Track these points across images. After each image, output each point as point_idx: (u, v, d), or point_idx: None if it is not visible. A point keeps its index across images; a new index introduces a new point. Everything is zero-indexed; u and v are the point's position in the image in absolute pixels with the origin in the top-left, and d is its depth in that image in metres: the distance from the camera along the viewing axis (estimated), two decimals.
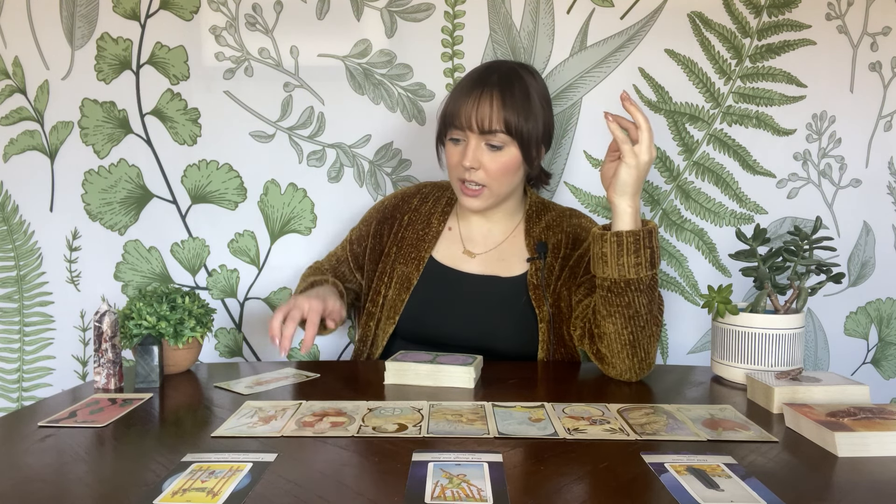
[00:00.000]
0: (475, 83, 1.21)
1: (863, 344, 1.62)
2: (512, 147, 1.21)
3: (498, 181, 1.23)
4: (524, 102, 1.20)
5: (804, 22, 1.50)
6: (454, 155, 1.24)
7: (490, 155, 1.21)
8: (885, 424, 0.81)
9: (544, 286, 1.24)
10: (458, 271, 1.29)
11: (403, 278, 1.29)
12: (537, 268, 1.26)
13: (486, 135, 1.19)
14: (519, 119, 1.19)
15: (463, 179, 1.23)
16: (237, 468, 0.74)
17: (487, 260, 1.30)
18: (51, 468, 0.76)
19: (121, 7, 1.53)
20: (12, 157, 1.59)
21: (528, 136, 1.21)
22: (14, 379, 1.64)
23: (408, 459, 0.75)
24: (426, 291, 1.27)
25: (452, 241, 1.33)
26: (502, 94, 1.19)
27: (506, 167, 1.22)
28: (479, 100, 1.19)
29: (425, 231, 1.33)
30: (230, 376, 1.15)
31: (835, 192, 1.56)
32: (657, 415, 0.92)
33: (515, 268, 1.28)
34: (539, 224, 1.31)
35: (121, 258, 1.59)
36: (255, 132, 1.56)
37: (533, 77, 1.26)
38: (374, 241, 1.36)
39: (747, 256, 1.16)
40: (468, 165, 1.20)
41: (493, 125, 1.18)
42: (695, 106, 1.52)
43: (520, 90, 1.21)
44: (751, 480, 0.71)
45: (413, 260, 1.30)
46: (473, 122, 1.19)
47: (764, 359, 1.07)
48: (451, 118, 1.22)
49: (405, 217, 1.36)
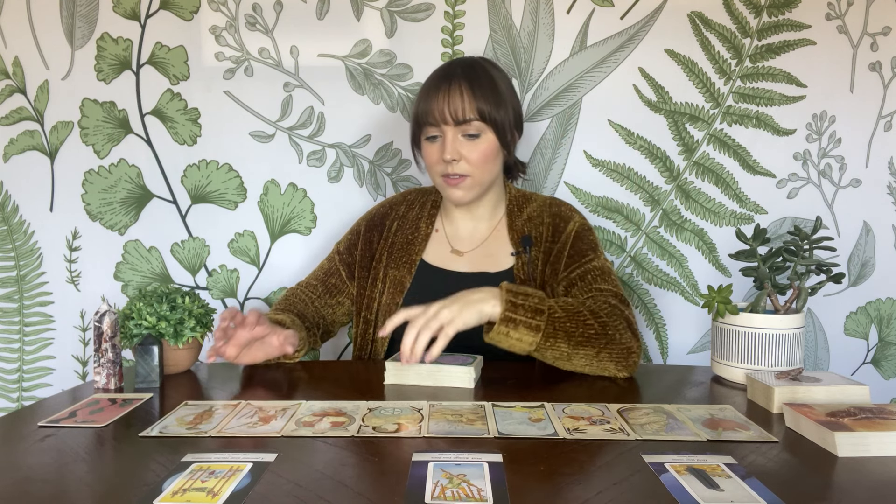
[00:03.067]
0: (441, 79, 1.24)
1: (863, 344, 1.62)
2: (488, 133, 1.23)
3: (480, 169, 1.24)
4: (492, 89, 1.23)
5: (804, 22, 1.50)
6: (433, 152, 1.25)
7: (469, 145, 1.23)
8: (885, 424, 0.81)
9: (531, 280, 1.26)
10: (448, 271, 1.30)
11: (396, 282, 1.30)
12: (523, 262, 1.27)
13: (462, 125, 1.21)
14: (490, 105, 1.22)
15: (446, 174, 1.24)
16: (237, 468, 0.73)
17: (475, 257, 1.31)
18: (51, 468, 0.76)
19: (121, 7, 1.53)
20: (12, 157, 1.60)
21: (501, 121, 1.24)
22: (14, 379, 1.64)
23: (408, 459, 0.75)
24: (419, 294, 1.27)
25: (440, 242, 1.34)
26: (470, 84, 1.22)
27: (485, 154, 1.24)
28: (450, 93, 1.21)
29: (414, 235, 1.34)
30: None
31: (835, 192, 1.56)
32: (657, 415, 0.91)
33: (502, 262, 1.30)
34: (521, 217, 1.33)
35: (121, 258, 1.59)
36: (255, 132, 1.56)
37: (494, 67, 1.30)
38: (364, 247, 1.37)
39: (747, 256, 1.15)
40: (449, 158, 1.22)
41: (468, 114, 1.21)
42: (695, 106, 1.52)
43: (486, 79, 1.24)
44: (751, 480, 0.71)
45: (405, 264, 1.31)
46: (448, 115, 1.21)
47: (764, 359, 1.07)
48: (425, 116, 1.23)
49: (394, 224, 1.37)
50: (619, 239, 1.57)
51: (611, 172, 1.55)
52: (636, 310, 1.58)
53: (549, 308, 1.06)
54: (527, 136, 1.55)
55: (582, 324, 1.07)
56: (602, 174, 1.55)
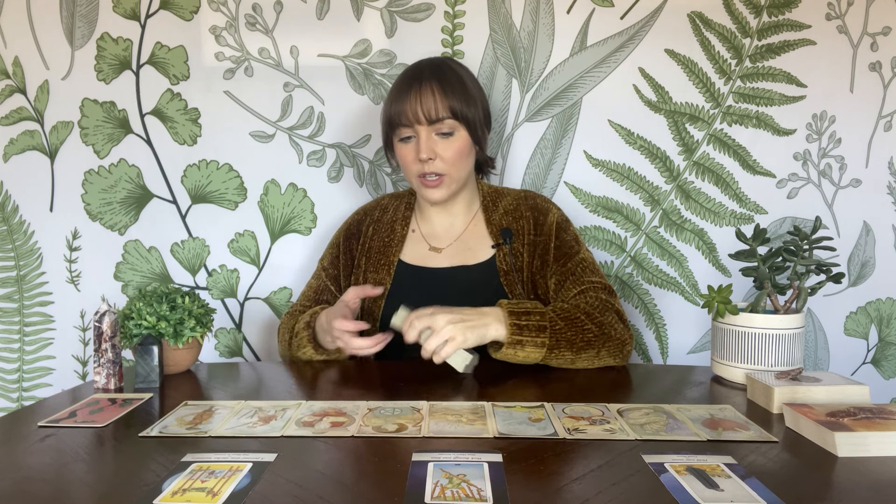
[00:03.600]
0: (411, 80, 1.26)
1: (863, 344, 1.62)
2: (461, 131, 1.27)
3: (455, 166, 1.28)
4: (461, 87, 1.26)
5: (804, 22, 1.50)
6: (408, 153, 1.28)
7: (443, 143, 1.26)
8: (885, 424, 0.81)
9: (515, 270, 1.28)
10: (427, 268, 1.32)
11: (376, 285, 1.30)
12: (504, 253, 1.30)
13: (436, 123, 1.24)
14: (461, 103, 1.25)
15: (422, 174, 1.27)
16: (237, 468, 0.74)
17: (453, 252, 1.33)
18: (51, 468, 0.76)
19: (121, 7, 1.53)
20: (12, 157, 1.59)
21: (472, 118, 1.27)
22: (14, 379, 1.64)
23: (408, 459, 0.75)
24: (400, 294, 1.28)
25: (417, 241, 1.36)
26: (440, 83, 1.25)
27: (459, 151, 1.27)
28: (421, 93, 1.24)
29: (390, 237, 1.36)
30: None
31: (835, 192, 1.56)
32: (657, 415, 0.92)
33: (480, 254, 1.32)
34: (497, 211, 1.36)
35: (121, 258, 1.59)
36: (255, 132, 1.56)
37: (459, 65, 1.34)
38: (345, 258, 1.39)
39: (747, 256, 1.15)
40: (425, 157, 1.24)
41: (440, 113, 1.23)
42: (695, 106, 1.52)
43: (454, 77, 1.27)
44: (751, 480, 0.71)
45: (383, 266, 1.33)
46: (421, 115, 1.23)
47: (764, 359, 1.07)
48: (398, 117, 1.25)
49: (369, 229, 1.39)
50: (619, 239, 1.57)
51: (611, 172, 1.55)
52: (636, 310, 1.58)
53: (550, 322, 1.11)
54: (527, 136, 1.55)
55: (581, 329, 1.14)
56: (602, 174, 1.55)
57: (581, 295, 1.24)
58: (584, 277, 1.26)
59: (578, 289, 1.25)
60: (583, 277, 1.26)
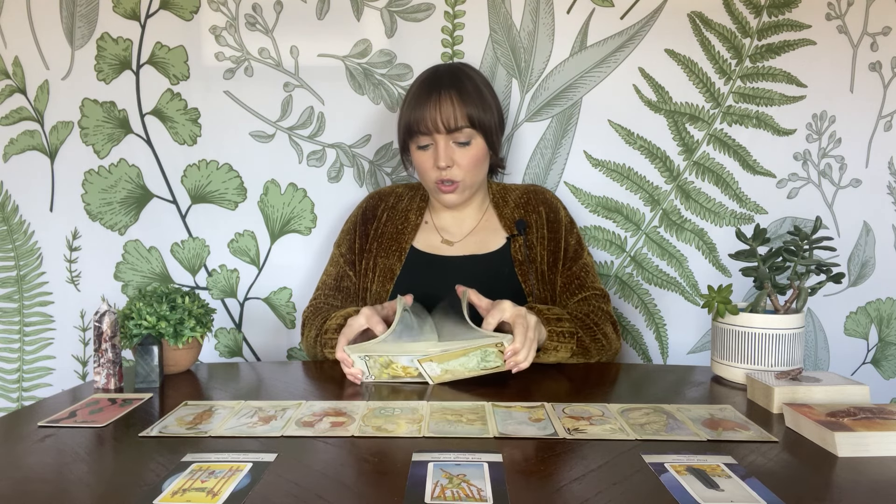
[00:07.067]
0: (430, 88, 1.27)
1: (863, 344, 1.62)
2: (478, 139, 1.29)
3: (471, 174, 1.30)
4: (478, 95, 1.28)
5: (804, 22, 1.50)
6: (426, 160, 1.30)
7: (460, 151, 1.28)
8: (885, 424, 0.81)
9: (528, 261, 1.30)
10: (438, 256, 1.33)
11: (386, 270, 1.32)
12: (519, 244, 1.32)
13: (454, 133, 1.26)
14: (479, 111, 1.27)
15: (440, 180, 1.29)
16: (237, 468, 0.74)
17: (465, 244, 1.35)
18: (51, 468, 0.76)
19: (121, 7, 1.53)
20: (12, 157, 1.59)
21: (489, 126, 1.29)
22: (14, 379, 1.64)
23: (408, 459, 0.75)
24: (410, 280, 1.30)
25: (430, 232, 1.38)
26: (459, 92, 1.26)
27: (476, 159, 1.29)
28: (440, 102, 1.25)
29: (404, 225, 1.37)
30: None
31: (835, 192, 1.56)
32: (657, 415, 0.92)
33: (492, 244, 1.34)
34: (507, 205, 1.38)
35: (121, 258, 1.59)
36: (255, 132, 1.56)
37: (475, 71, 1.35)
38: (361, 241, 1.39)
39: (747, 256, 1.15)
40: (443, 165, 1.26)
41: (459, 122, 1.25)
42: (695, 106, 1.52)
43: (471, 85, 1.29)
44: (751, 480, 0.71)
45: (394, 251, 1.34)
46: (440, 124, 1.25)
47: (764, 359, 1.07)
48: (417, 125, 1.27)
49: (384, 214, 1.40)
50: (619, 239, 1.57)
51: (611, 172, 1.55)
52: (636, 310, 1.58)
53: (576, 328, 1.19)
54: (527, 136, 1.55)
55: (594, 339, 1.21)
56: (602, 174, 1.55)
57: (584, 302, 1.29)
58: (587, 282, 1.32)
59: (582, 294, 1.31)
60: (585, 282, 1.32)
